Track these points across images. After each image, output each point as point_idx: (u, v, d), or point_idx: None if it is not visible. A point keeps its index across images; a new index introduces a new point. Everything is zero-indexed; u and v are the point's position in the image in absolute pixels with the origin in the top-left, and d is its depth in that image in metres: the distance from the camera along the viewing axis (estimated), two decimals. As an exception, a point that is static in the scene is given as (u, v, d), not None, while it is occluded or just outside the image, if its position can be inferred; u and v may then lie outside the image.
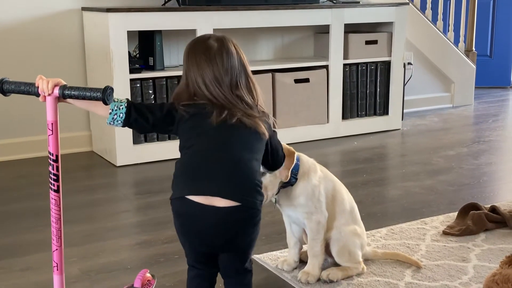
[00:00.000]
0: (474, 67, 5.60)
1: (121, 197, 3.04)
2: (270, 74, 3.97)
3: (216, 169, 1.57)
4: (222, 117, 1.61)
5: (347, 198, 2.12)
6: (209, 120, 1.61)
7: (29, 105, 3.77)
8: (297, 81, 4.07)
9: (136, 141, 3.59)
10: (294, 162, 1.95)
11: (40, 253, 2.33)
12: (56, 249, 1.60)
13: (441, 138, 4.28)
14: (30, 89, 1.57)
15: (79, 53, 3.85)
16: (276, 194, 2.00)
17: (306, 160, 2.05)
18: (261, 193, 1.64)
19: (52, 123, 1.55)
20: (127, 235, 2.53)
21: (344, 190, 2.13)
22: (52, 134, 1.55)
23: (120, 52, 3.44)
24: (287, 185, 1.99)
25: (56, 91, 1.54)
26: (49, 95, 1.54)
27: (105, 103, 1.53)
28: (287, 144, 1.99)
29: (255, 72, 3.94)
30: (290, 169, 1.93)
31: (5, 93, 1.59)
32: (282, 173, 1.91)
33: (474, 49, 5.76)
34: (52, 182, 1.56)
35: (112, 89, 1.53)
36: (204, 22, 3.65)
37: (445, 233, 2.46)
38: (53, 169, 1.56)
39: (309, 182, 2.00)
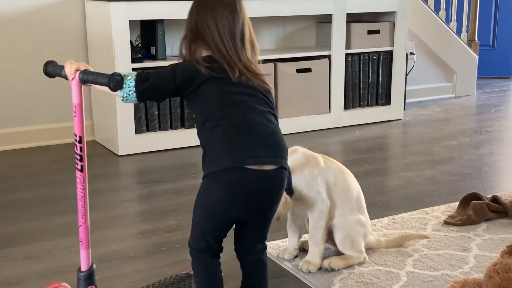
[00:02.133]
0: (477, 57, 5.58)
1: (123, 187, 3.05)
2: (272, 64, 3.96)
3: (260, 137, 1.61)
4: (236, 75, 1.63)
5: (354, 186, 2.13)
6: (230, 84, 1.62)
7: (26, 95, 3.78)
8: (299, 70, 4.07)
9: (138, 130, 3.60)
10: None
11: (42, 242, 2.34)
12: (81, 225, 1.68)
13: (443, 128, 4.28)
14: (61, 72, 1.62)
15: (82, 43, 3.84)
16: None
17: (304, 154, 2.05)
18: None
19: (76, 106, 1.59)
20: (129, 224, 2.54)
21: (350, 178, 2.13)
22: (76, 116, 1.58)
23: (122, 41, 3.44)
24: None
25: (77, 76, 1.56)
26: (72, 79, 1.58)
27: (112, 90, 1.54)
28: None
29: (257, 62, 3.95)
30: None
31: (48, 75, 1.67)
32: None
33: (476, 39, 5.75)
34: (77, 162, 1.60)
35: (119, 75, 1.54)
36: (206, 12, 3.64)
37: (446, 222, 2.46)
38: (77, 150, 1.59)
39: (306, 174, 2.01)
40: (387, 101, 4.50)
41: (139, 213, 2.68)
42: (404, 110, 4.62)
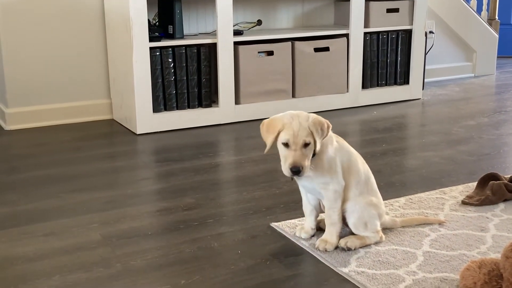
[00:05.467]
0: (497, 36, 5.51)
1: (141, 165, 3.07)
2: (289, 43, 3.95)
3: None
4: None
5: (362, 168, 2.11)
6: None
7: (45, 74, 3.80)
8: (317, 49, 4.05)
9: (156, 109, 3.61)
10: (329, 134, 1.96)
11: (62, 219, 2.37)
12: None
13: (462, 108, 4.25)
14: None
15: (99, 21, 3.85)
16: None
17: None
18: None
19: None
20: (148, 202, 2.56)
21: (359, 160, 2.12)
22: None
23: (139, 20, 3.44)
24: None
25: None
26: None
27: None
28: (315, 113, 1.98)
29: (274, 41, 3.94)
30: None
31: None
32: (318, 146, 1.91)
33: (497, 17, 5.67)
34: None
35: None
36: (224, -10, 3.63)
37: (464, 203, 2.45)
38: None
39: (325, 154, 2.00)
40: (405, 80, 4.47)
41: (157, 191, 2.70)
42: (422, 89, 4.59)
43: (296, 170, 1.87)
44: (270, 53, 3.89)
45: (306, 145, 1.90)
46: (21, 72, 3.72)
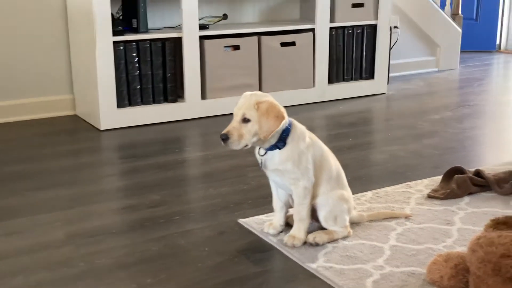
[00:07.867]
0: (460, 30, 5.58)
1: (105, 161, 3.02)
2: (256, 37, 3.93)
3: None
4: None
5: (334, 165, 2.12)
6: None
7: (5, 69, 3.72)
8: (283, 44, 4.04)
9: (120, 104, 3.56)
10: (281, 126, 1.94)
11: (24, 217, 2.31)
12: None
13: (426, 102, 4.29)
14: None
15: (61, 15, 3.78)
16: (263, 155, 2.00)
17: (299, 127, 2.03)
18: None
19: None
20: (112, 199, 2.52)
21: (331, 157, 2.13)
22: None
23: (102, 14, 3.38)
24: (275, 148, 1.98)
25: None
26: None
27: None
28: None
29: (241, 35, 3.92)
30: (274, 131, 1.92)
31: None
32: (263, 132, 1.91)
33: (460, 12, 5.74)
34: None
35: None
36: (189, -16, 3.59)
37: (429, 196, 2.47)
38: None
39: (297, 149, 1.99)
40: (371, 75, 4.49)
41: (121, 188, 2.66)
42: (387, 84, 4.62)
43: (223, 137, 1.93)
44: (237, 47, 3.87)
45: (245, 120, 1.93)
46: (-19, 67, 3.63)
